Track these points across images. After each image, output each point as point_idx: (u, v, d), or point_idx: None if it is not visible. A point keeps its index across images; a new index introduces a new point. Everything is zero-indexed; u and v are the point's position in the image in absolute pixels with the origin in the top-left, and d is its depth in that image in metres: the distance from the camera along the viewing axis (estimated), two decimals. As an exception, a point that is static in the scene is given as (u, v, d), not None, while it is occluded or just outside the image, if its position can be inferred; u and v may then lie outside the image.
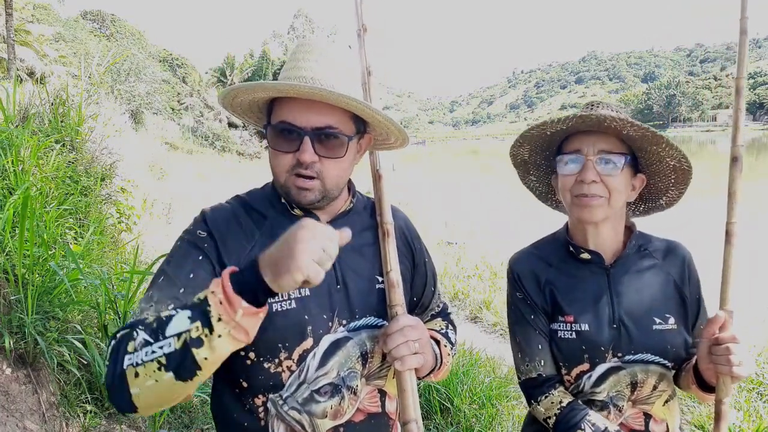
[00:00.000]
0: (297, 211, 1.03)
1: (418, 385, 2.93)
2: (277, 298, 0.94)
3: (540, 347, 1.19)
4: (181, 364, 0.72)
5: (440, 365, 1.08)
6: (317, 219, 1.03)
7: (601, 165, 1.09)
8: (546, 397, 1.15)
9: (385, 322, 1.03)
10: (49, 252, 2.53)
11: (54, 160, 3.43)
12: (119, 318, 2.67)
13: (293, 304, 0.95)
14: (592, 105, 1.15)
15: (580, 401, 1.15)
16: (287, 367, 0.95)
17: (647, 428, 1.15)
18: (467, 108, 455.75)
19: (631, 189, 1.15)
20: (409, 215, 1.24)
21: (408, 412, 0.94)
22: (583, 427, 1.08)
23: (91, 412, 2.41)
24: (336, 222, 1.05)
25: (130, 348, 0.76)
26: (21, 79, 11.14)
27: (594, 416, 1.10)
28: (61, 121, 4.26)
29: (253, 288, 0.72)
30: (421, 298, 1.21)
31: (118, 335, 0.80)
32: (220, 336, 0.71)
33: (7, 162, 2.90)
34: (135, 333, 0.77)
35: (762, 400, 3.01)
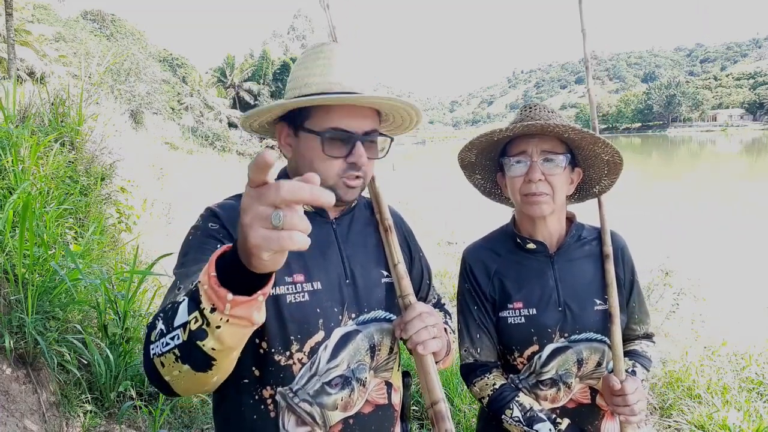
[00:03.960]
0: (306, 207, 1.04)
1: (415, 384, 2.94)
2: (290, 289, 0.96)
3: (478, 336, 1.30)
4: (193, 356, 0.68)
5: (448, 351, 1.13)
6: (326, 215, 1.07)
7: (544, 165, 1.20)
8: (480, 379, 1.28)
9: (391, 315, 1.06)
10: (49, 252, 2.53)
11: (54, 160, 3.43)
12: (119, 318, 2.68)
13: (306, 297, 0.97)
14: (531, 109, 1.26)
15: (513, 384, 1.27)
16: (298, 359, 0.97)
17: (594, 401, 1.28)
18: (467, 108, 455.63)
19: (570, 182, 1.27)
20: (409, 215, 1.29)
21: (435, 393, 0.98)
22: (511, 407, 1.21)
23: (91, 412, 2.41)
24: (343, 218, 1.10)
25: (152, 337, 0.73)
26: (21, 79, 11.14)
27: (523, 398, 1.23)
28: (61, 121, 4.26)
29: (238, 274, 0.62)
30: (419, 291, 1.25)
31: (150, 324, 0.77)
32: (219, 327, 0.64)
33: (7, 162, 2.90)
34: (156, 321, 0.74)
35: (762, 400, 3.00)
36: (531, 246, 1.29)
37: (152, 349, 0.73)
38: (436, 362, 1.09)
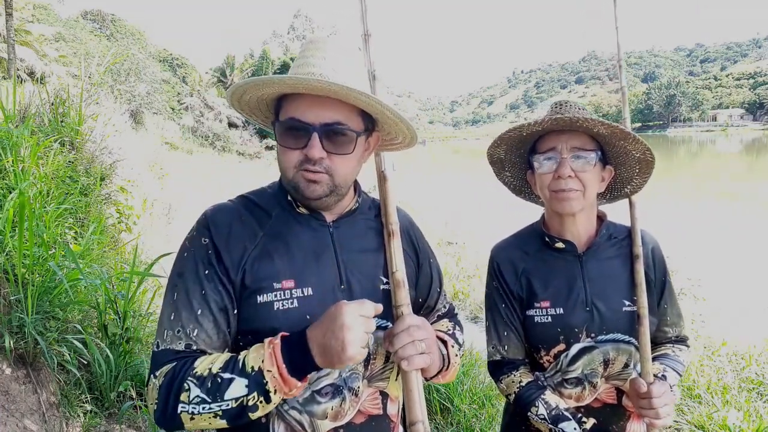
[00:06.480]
0: (302, 209, 1.02)
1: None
2: (278, 296, 0.95)
3: (506, 334, 1.30)
4: (236, 419, 0.85)
5: (447, 366, 1.08)
6: (323, 218, 1.03)
7: (574, 161, 1.18)
8: (507, 376, 1.29)
9: (388, 323, 1.02)
10: (49, 252, 2.52)
11: (54, 160, 3.42)
12: (119, 318, 2.67)
13: (295, 303, 0.94)
14: (561, 105, 1.23)
15: (539, 382, 1.27)
16: None
17: (620, 402, 1.27)
18: (467, 108, 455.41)
19: (601, 180, 1.25)
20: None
21: (415, 413, 0.93)
22: (537, 405, 1.21)
23: (91, 412, 2.41)
24: (341, 221, 1.05)
25: (183, 398, 0.84)
26: (21, 79, 11.14)
27: (549, 396, 1.23)
28: (61, 121, 4.25)
29: (303, 366, 0.84)
30: (427, 299, 1.20)
31: (159, 374, 0.88)
32: (274, 402, 0.85)
33: (7, 162, 2.90)
34: (186, 385, 0.84)
35: (762, 400, 3.00)
36: (560, 245, 1.27)
37: (182, 407, 0.84)
38: (434, 377, 1.06)
